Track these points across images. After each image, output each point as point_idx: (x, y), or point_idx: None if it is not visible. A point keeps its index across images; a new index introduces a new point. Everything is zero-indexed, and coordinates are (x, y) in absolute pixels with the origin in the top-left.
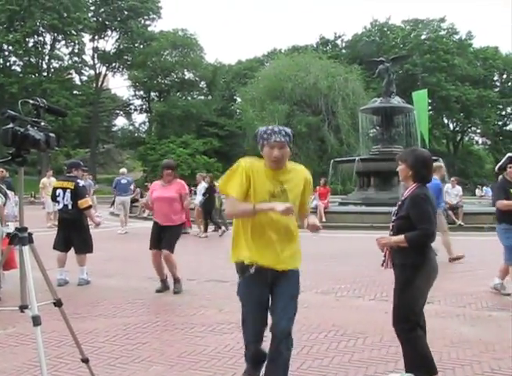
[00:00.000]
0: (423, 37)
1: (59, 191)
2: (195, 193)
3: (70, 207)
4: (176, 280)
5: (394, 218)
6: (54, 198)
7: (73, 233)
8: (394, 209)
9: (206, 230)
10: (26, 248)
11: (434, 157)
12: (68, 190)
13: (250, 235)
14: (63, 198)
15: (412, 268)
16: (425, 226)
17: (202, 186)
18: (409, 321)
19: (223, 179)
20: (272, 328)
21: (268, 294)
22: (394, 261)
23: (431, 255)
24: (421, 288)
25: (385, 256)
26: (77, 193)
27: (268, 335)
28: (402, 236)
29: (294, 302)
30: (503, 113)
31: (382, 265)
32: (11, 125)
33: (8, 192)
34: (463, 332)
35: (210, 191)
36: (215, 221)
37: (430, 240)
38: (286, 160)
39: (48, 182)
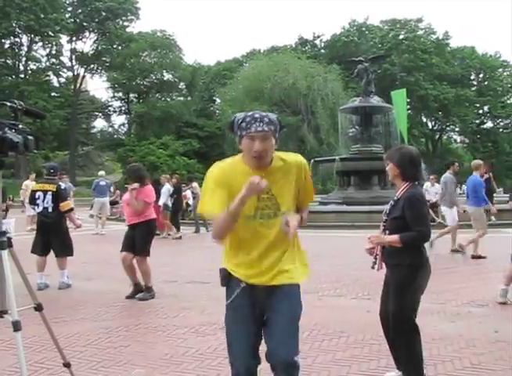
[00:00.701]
0: (401, 37)
1: (38, 194)
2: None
3: (50, 209)
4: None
5: (385, 217)
6: (33, 201)
7: (53, 237)
8: (385, 208)
9: (178, 230)
10: (5, 252)
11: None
12: (49, 193)
13: (239, 245)
14: (43, 201)
15: (411, 268)
16: (421, 228)
17: (166, 188)
18: (411, 322)
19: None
20: (271, 358)
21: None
22: (388, 262)
23: (426, 255)
24: (421, 287)
25: (376, 258)
26: (59, 196)
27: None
28: (396, 237)
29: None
30: (480, 111)
31: (372, 267)
32: None
33: None
34: (444, 328)
35: (177, 192)
36: (177, 222)
37: (424, 242)
38: (270, 154)
39: (32, 184)
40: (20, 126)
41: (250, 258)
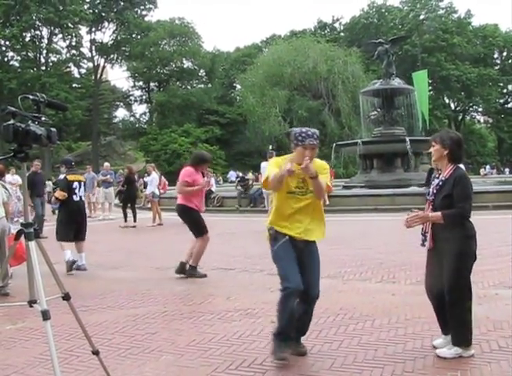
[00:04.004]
0: (421, 17)
1: (75, 184)
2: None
3: (83, 198)
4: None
5: (432, 197)
6: (72, 191)
7: (84, 223)
8: (430, 189)
9: (126, 220)
10: (32, 243)
11: None
12: (82, 183)
13: (285, 211)
14: (79, 190)
15: (466, 238)
16: (463, 205)
17: (152, 177)
18: (468, 289)
19: (264, 177)
20: (307, 292)
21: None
22: (442, 236)
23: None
24: (474, 257)
25: (425, 235)
26: (85, 186)
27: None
28: (439, 213)
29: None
30: (504, 90)
31: (423, 244)
32: (12, 121)
33: (8, 187)
34: None
35: (129, 182)
36: (126, 212)
37: (464, 219)
38: (313, 158)
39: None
40: (43, 118)
41: (291, 221)
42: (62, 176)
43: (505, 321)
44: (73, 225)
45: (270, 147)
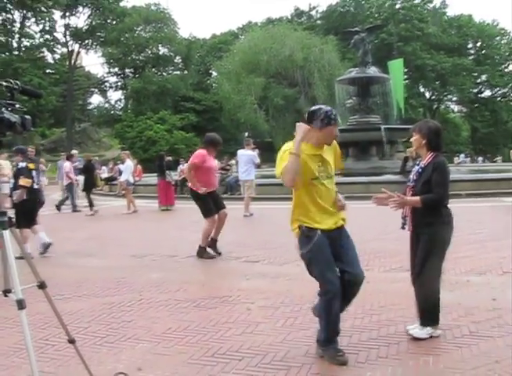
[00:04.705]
0: (397, 6)
1: (34, 172)
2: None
3: (36, 186)
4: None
5: (413, 184)
6: (32, 179)
7: (37, 209)
8: (411, 176)
9: (91, 207)
10: (6, 232)
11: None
12: (35, 171)
13: (310, 202)
14: (37, 179)
15: (442, 224)
16: (440, 190)
17: (127, 165)
18: (438, 272)
19: (277, 166)
20: (350, 276)
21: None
22: (419, 221)
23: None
24: (449, 242)
25: (405, 219)
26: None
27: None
28: (417, 198)
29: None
30: (478, 80)
31: (403, 227)
32: None
33: None
34: (443, 297)
35: (89, 169)
36: (90, 199)
37: (441, 204)
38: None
39: (5, 163)
40: (17, 106)
41: (320, 212)
42: (22, 164)
43: (475, 307)
44: (34, 212)
45: (246, 134)
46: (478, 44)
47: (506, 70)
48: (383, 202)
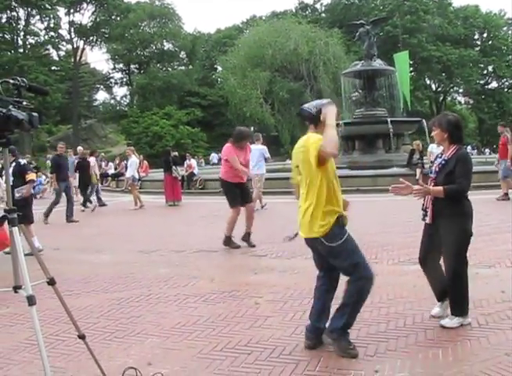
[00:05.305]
0: None
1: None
2: (126, 168)
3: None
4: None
5: (434, 175)
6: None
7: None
8: (433, 168)
9: (88, 203)
10: (16, 229)
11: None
12: None
13: (334, 197)
14: None
15: (463, 216)
16: (463, 181)
17: (132, 160)
18: (466, 264)
19: (311, 155)
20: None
21: None
22: (440, 212)
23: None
24: (471, 233)
25: (426, 210)
26: None
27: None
28: (440, 188)
29: None
30: (485, 72)
31: (423, 219)
32: None
33: None
34: None
35: (81, 166)
36: (87, 196)
37: (463, 194)
38: None
39: None
40: (24, 103)
41: (340, 201)
42: (23, 161)
43: (484, 299)
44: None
45: (252, 129)
46: (485, 34)
47: None
48: (400, 192)
